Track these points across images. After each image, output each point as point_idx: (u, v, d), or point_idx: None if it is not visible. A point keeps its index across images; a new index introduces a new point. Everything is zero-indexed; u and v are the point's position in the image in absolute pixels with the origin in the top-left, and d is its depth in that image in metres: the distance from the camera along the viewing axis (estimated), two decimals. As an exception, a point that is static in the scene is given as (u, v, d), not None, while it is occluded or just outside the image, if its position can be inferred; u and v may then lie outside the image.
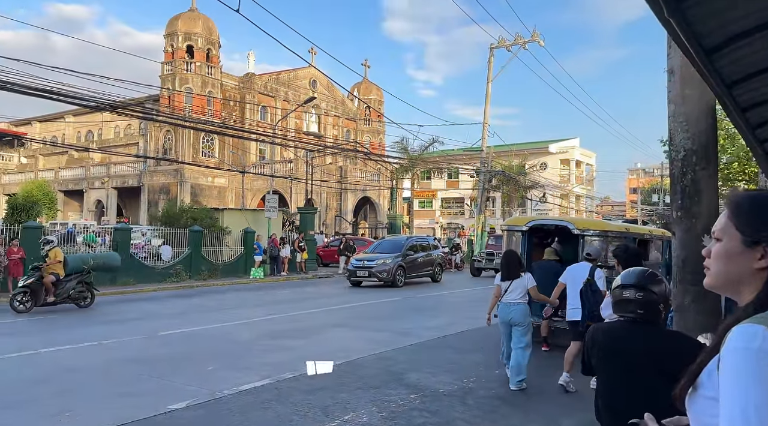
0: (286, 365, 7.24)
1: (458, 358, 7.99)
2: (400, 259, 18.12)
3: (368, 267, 17.80)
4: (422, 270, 19.36)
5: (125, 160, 37.89)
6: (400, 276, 17.96)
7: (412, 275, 18.70)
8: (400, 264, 18.04)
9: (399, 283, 17.84)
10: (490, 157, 31.45)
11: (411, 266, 18.60)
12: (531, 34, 28.56)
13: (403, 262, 18.20)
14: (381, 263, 17.78)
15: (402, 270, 18.10)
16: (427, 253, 19.73)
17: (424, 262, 19.40)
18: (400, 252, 18.38)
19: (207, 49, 36.16)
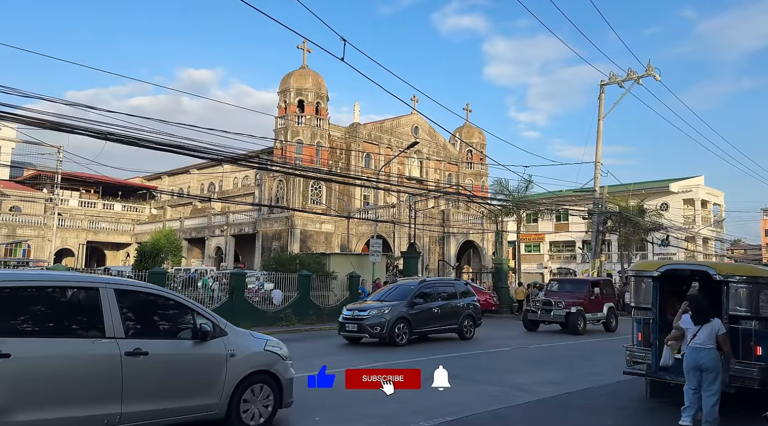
0: (395, 419, 6.85)
1: (581, 422, 7.14)
2: (403, 309, 14.27)
3: (358, 319, 14.13)
4: (440, 323, 15.22)
5: (242, 208, 40.41)
6: (402, 331, 14.06)
7: (423, 330, 14.80)
8: (404, 315, 14.18)
9: (400, 341, 13.92)
10: (604, 198, 29.64)
11: (421, 318, 14.66)
12: (645, 68, 27.06)
13: (408, 313, 14.32)
14: (375, 314, 14.03)
15: (406, 323, 14.18)
16: (449, 301, 15.68)
17: (443, 313, 15.24)
18: (405, 300, 14.58)
19: (316, 102, 38.13)
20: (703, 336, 6.43)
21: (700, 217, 48.76)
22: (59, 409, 4.46)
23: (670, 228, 34.23)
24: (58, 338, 4.74)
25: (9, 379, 4.24)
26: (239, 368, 5.77)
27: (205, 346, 5.56)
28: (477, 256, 43.44)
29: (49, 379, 4.48)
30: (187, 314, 5.70)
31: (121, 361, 4.86)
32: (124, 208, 49.38)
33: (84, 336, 4.90)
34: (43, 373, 4.46)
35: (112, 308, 5.00)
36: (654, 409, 7.91)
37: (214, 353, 5.62)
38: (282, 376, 6.18)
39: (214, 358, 5.61)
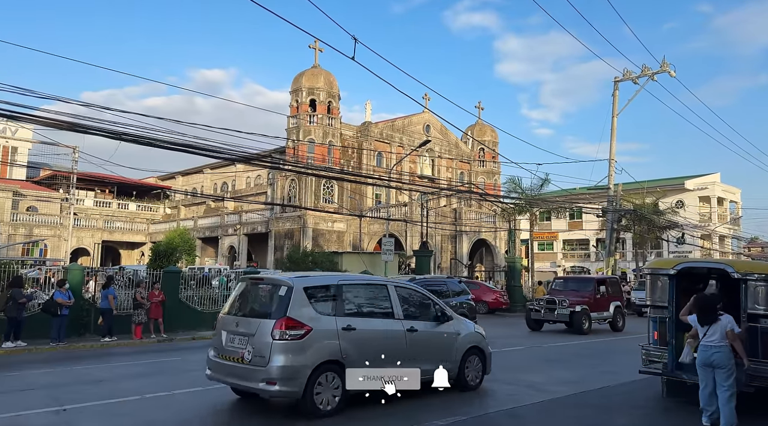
0: (408, 416, 6.83)
1: (597, 421, 7.07)
2: None
3: None
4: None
5: (255, 208, 40.61)
6: None
7: None
8: None
9: None
10: (618, 196, 29.37)
11: None
12: (660, 64, 26.78)
13: None
14: None
15: None
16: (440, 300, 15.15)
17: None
18: None
19: (328, 101, 38.20)
20: (715, 334, 6.44)
21: (717, 215, 48.14)
22: (378, 361, 6.65)
23: (685, 226, 33.83)
24: (373, 319, 7.33)
25: (355, 343, 6.82)
26: (463, 343, 8.26)
27: (443, 326, 8.09)
28: (490, 254, 43.23)
29: (372, 343, 6.94)
30: (431, 305, 8.21)
31: (404, 334, 7.41)
32: (139, 208, 49.85)
33: (385, 317, 7.43)
34: (369, 339, 6.98)
35: (395, 300, 7.61)
36: (670, 408, 7.82)
37: (450, 331, 8.16)
38: (485, 351, 8.62)
39: (449, 335, 8.13)
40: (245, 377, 6.55)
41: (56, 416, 6.75)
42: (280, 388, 6.28)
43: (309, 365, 6.40)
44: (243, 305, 7.40)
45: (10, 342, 12.37)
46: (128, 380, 9.28)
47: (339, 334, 6.71)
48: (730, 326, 6.45)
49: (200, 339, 15.01)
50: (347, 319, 6.87)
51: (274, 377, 6.26)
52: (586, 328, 17.50)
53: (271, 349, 6.34)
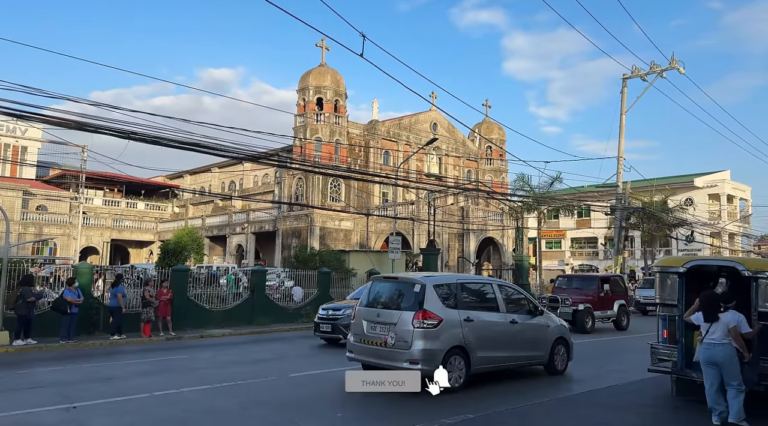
0: (418, 415, 6.82)
1: (608, 419, 7.02)
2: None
3: (333, 319, 12.92)
4: None
5: (262, 206, 40.71)
6: None
7: None
8: None
9: None
10: (627, 193, 29.19)
11: None
12: (669, 61, 26.56)
13: None
14: (350, 314, 11.82)
15: None
16: None
17: None
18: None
19: (335, 100, 38.21)
20: (718, 331, 6.42)
21: (726, 213, 47.74)
22: (491, 350, 8.45)
23: (694, 224, 33.57)
24: (483, 312, 8.72)
25: (474, 332, 8.24)
26: (552, 334, 9.65)
27: (536, 319, 9.44)
28: (497, 252, 43.10)
29: (485, 332, 8.44)
30: (525, 300, 9.62)
31: (509, 325, 8.79)
32: (147, 207, 50.11)
33: (492, 311, 8.81)
34: (483, 329, 8.43)
35: (498, 296, 8.99)
36: (680, 407, 7.76)
37: (542, 324, 9.52)
38: (569, 342, 9.99)
39: (542, 327, 9.50)
40: (389, 358, 7.93)
41: (66, 413, 6.79)
42: (422, 367, 7.58)
43: (442, 349, 7.83)
44: (381, 300, 8.66)
45: (21, 340, 12.48)
46: (137, 378, 9.33)
47: (461, 324, 8.15)
48: (733, 323, 6.42)
49: (208, 337, 15.08)
50: (466, 312, 8.32)
51: (416, 358, 7.70)
52: (590, 327, 17.20)
53: (413, 336, 7.77)
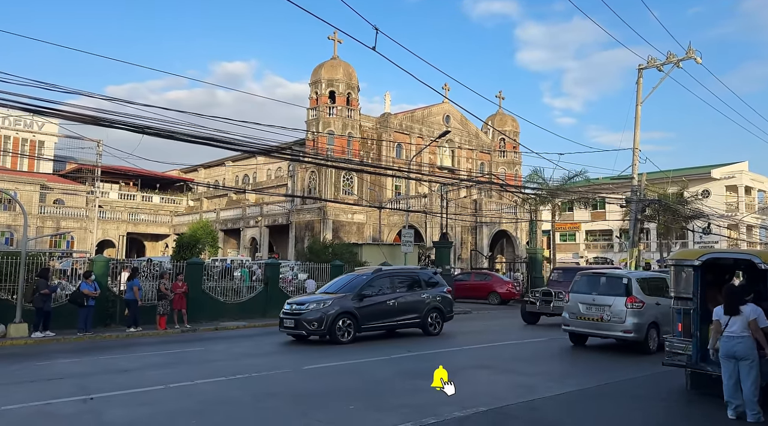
0: (428, 408, 6.85)
1: (616, 411, 6.99)
2: (349, 303, 12.54)
3: (296, 313, 12.58)
4: (398, 318, 13.43)
5: (276, 200, 40.90)
6: (345, 327, 12.34)
7: (374, 325, 13.12)
8: (348, 310, 12.42)
9: (342, 338, 12.21)
10: (642, 185, 28.84)
11: (372, 312, 12.91)
12: (686, 51, 26.10)
13: (355, 307, 12.59)
14: (314, 308, 12.39)
15: (350, 318, 12.44)
16: (410, 293, 13.84)
17: (401, 306, 13.43)
18: (353, 292, 12.89)
19: (347, 93, 38.17)
20: (738, 325, 6.40)
21: (744, 204, 47.03)
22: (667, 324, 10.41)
23: (711, 216, 33.11)
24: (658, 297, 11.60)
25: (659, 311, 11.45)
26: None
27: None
28: (510, 245, 42.93)
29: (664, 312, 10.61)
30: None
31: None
32: (162, 200, 50.59)
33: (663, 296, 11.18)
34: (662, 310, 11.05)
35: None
36: (694, 400, 7.70)
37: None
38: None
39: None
40: (606, 329, 11.52)
41: (83, 405, 6.92)
42: (633, 336, 11.28)
43: (645, 323, 11.34)
44: (593, 288, 11.98)
45: (39, 332, 12.71)
46: (152, 370, 9.47)
47: (653, 307, 11.46)
48: (753, 316, 6.37)
49: (223, 329, 15.23)
50: (654, 298, 11.58)
51: (629, 330, 11.25)
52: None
53: (626, 314, 11.27)
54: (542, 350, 12.45)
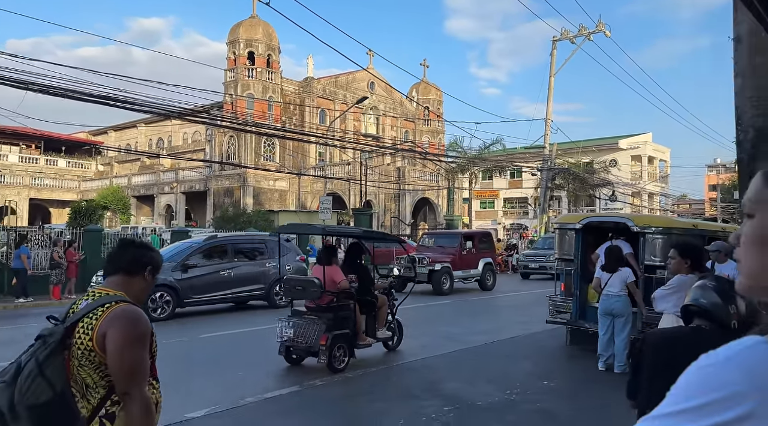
0: (321, 371, 6.93)
1: (503, 367, 7.40)
2: (170, 274, 11.11)
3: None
4: (234, 290, 12.22)
5: (192, 165, 39.30)
6: (161, 302, 11.01)
7: (202, 298, 11.78)
8: (165, 282, 10.93)
9: (155, 313, 10.74)
10: (554, 155, 30.14)
11: (199, 284, 11.65)
12: (596, 24, 27.13)
13: (176, 279, 11.26)
14: None
15: (169, 292, 11.09)
16: (251, 263, 12.73)
17: (239, 277, 12.25)
18: (175, 261, 11.50)
19: (267, 54, 36.87)
20: (615, 284, 6.81)
21: (647, 173, 50.35)
22: None
23: (616, 184, 35.26)
24: None
25: None
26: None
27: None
28: (432, 213, 43.82)
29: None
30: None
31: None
32: (69, 165, 47.28)
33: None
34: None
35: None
36: (574, 355, 8.27)
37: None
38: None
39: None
40: None
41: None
42: None
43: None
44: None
45: None
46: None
47: None
48: (630, 277, 6.83)
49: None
50: None
51: None
52: (447, 288, 15.70)
53: None
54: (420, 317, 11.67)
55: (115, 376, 1.81)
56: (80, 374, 1.83)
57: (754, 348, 0.60)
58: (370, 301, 7.52)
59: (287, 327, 6.86)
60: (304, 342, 6.74)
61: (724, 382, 0.58)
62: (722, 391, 0.58)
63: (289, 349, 7.07)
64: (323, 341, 6.60)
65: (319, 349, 6.65)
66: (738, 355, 0.60)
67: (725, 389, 0.58)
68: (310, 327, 6.76)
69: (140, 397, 1.82)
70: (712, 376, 0.60)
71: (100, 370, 1.83)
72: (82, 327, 1.84)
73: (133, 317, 1.86)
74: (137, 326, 1.86)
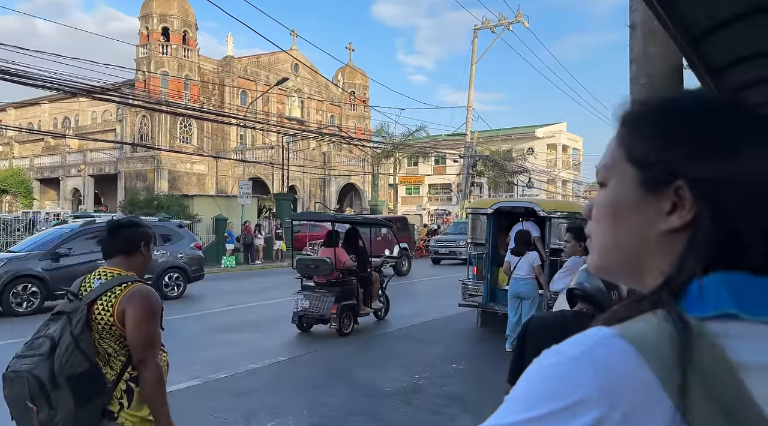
0: (224, 363, 6.63)
1: (414, 351, 7.41)
2: (33, 264, 10.14)
3: None
4: None
5: (102, 146, 36.86)
6: (27, 295, 9.93)
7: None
8: (31, 272, 10.04)
9: (20, 308, 9.75)
10: (475, 142, 30.81)
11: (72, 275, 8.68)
12: (515, 15, 27.82)
13: (43, 269, 10.14)
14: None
15: (35, 283, 10.04)
16: None
17: None
18: (44, 250, 10.42)
19: (183, 31, 35.05)
20: (523, 267, 6.97)
21: (561, 161, 52.77)
22: None
23: (533, 171, 36.66)
24: None
25: None
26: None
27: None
28: (358, 198, 43.77)
29: None
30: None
31: None
32: (-40, 144, 43.10)
33: None
34: None
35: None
36: (484, 337, 8.43)
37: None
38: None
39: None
40: None
41: None
42: None
43: None
44: None
45: None
46: None
47: None
48: (536, 261, 6.99)
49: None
50: None
51: None
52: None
53: None
54: None
55: (133, 346, 2.10)
56: (102, 345, 2.10)
57: (604, 343, 0.49)
58: (367, 277, 8.73)
59: (302, 299, 8.00)
60: (318, 311, 7.90)
61: (570, 386, 0.48)
62: (568, 398, 0.47)
63: (301, 318, 8.17)
64: (334, 310, 7.79)
65: (331, 317, 7.83)
66: (586, 352, 0.49)
67: (571, 395, 0.47)
68: (322, 299, 7.94)
69: (154, 365, 2.12)
70: (556, 379, 0.49)
71: (120, 341, 2.10)
72: (101, 304, 2.09)
73: (148, 296, 2.15)
74: (152, 303, 2.15)
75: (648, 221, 0.57)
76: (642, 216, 0.57)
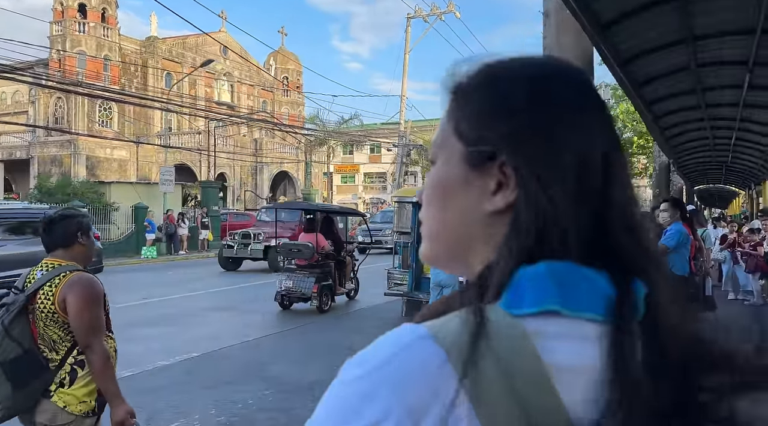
0: (131, 360, 6.19)
1: (335, 342, 7.26)
2: None
3: None
4: None
5: (12, 129, 34.19)
6: None
7: None
8: None
9: None
10: (408, 131, 30.94)
11: None
12: (447, 4, 28.01)
13: None
14: None
15: None
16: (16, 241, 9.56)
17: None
18: None
19: (102, 8, 32.95)
20: None
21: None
22: None
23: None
24: None
25: None
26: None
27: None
28: (292, 187, 43.02)
29: None
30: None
31: None
32: None
33: None
34: None
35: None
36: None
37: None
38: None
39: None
40: None
41: None
42: None
43: None
44: None
45: None
46: None
47: None
48: None
49: None
50: None
51: None
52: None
53: None
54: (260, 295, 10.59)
55: (77, 332, 2.18)
56: (47, 333, 2.19)
57: (412, 347, 0.43)
58: (342, 260, 9.55)
59: (286, 280, 8.79)
60: (300, 290, 8.69)
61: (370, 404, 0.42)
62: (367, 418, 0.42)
63: (283, 296, 8.91)
64: (315, 289, 8.60)
65: (312, 296, 8.62)
66: (391, 360, 0.43)
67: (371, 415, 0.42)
68: (304, 279, 8.75)
69: (100, 349, 2.20)
70: (356, 396, 0.43)
71: (63, 328, 2.18)
72: (43, 294, 2.17)
73: (87, 283, 2.23)
74: (92, 290, 2.23)
75: (474, 201, 0.51)
76: (468, 195, 0.51)
